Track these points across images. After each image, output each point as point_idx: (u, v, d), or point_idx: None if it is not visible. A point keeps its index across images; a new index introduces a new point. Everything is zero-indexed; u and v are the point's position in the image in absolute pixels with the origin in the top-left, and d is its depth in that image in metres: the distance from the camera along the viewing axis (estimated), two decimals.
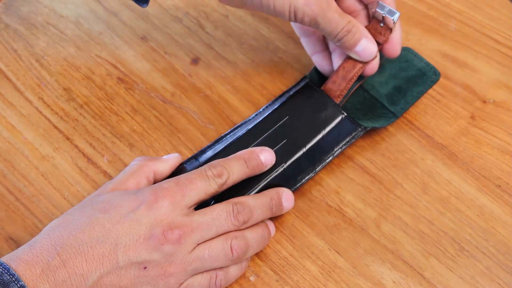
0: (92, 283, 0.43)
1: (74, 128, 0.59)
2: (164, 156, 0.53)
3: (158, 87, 0.62)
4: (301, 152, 0.54)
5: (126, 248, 0.44)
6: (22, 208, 0.54)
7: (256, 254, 0.52)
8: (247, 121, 0.58)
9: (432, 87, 0.59)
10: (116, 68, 0.63)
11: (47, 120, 0.59)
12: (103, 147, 0.58)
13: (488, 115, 0.60)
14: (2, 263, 0.42)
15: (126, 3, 0.67)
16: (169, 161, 0.53)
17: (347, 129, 0.55)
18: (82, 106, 0.60)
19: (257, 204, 0.49)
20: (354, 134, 0.55)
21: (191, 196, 0.47)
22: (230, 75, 0.63)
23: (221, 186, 0.49)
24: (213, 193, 0.48)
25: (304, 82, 0.59)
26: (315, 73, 0.60)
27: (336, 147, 0.55)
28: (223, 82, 0.62)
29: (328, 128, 0.55)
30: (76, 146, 0.58)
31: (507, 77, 0.62)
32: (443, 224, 0.54)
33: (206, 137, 0.59)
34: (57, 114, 0.60)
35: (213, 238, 0.47)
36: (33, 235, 0.47)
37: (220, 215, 0.47)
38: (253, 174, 0.51)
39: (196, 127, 0.59)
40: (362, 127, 0.56)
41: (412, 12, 0.67)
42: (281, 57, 0.64)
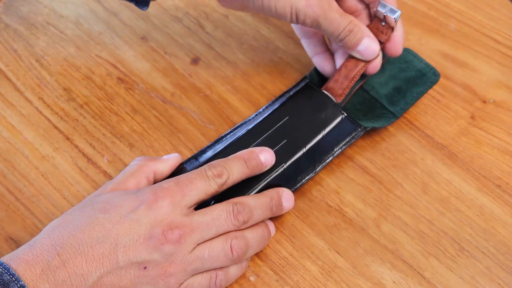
0: (92, 283, 0.43)
1: (74, 128, 0.59)
2: (164, 156, 0.53)
3: (158, 87, 0.62)
4: (301, 152, 0.54)
5: (126, 248, 0.44)
6: (22, 208, 0.54)
7: (256, 254, 0.52)
8: (247, 121, 0.58)
9: (431, 87, 0.59)
10: (116, 68, 0.63)
11: (47, 120, 0.59)
12: (103, 147, 0.58)
13: (488, 115, 0.60)
14: (2, 263, 0.42)
15: (126, 3, 0.67)
16: (169, 161, 0.53)
17: (347, 129, 0.55)
18: (82, 106, 0.60)
19: (257, 204, 0.49)
20: (354, 134, 0.55)
21: (191, 196, 0.47)
22: (230, 75, 0.63)
23: (221, 186, 0.49)
24: (213, 193, 0.48)
25: (304, 82, 0.59)
26: (315, 73, 0.60)
27: (336, 147, 0.55)
28: (223, 82, 0.62)
29: (328, 128, 0.55)
30: (76, 146, 0.58)
31: (507, 77, 0.62)
32: (443, 224, 0.54)
33: (206, 137, 0.59)
34: (57, 114, 0.60)
35: (213, 238, 0.47)
36: (33, 235, 0.47)
37: (220, 215, 0.47)
38: (253, 174, 0.51)
39: (196, 127, 0.59)
40: (362, 127, 0.56)
41: (412, 12, 0.67)
42: (281, 57, 0.64)
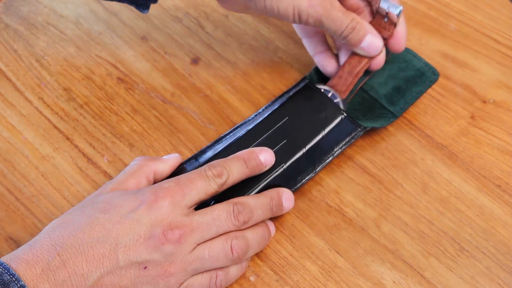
0: (92, 283, 0.43)
1: (74, 128, 0.59)
2: (164, 156, 0.53)
3: (158, 87, 0.62)
4: (301, 152, 0.54)
5: (126, 248, 0.44)
6: (22, 208, 0.54)
7: (256, 254, 0.52)
8: (246, 121, 0.58)
9: (431, 87, 0.60)
10: (116, 68, 0.63)
11: (47, 120, 0.59)
12: (103, 147, 0.58)
13: (488, 115, 0.60)
14: (2, 263, 0.42)
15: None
16: (169, 161, 0.53)
17: (346, 129, 0.55)
18: (82, 106, 0.60)
19: (257, 204, 0.49)
20: (354, 134, 0.55)
21: (191, 196, 0.47)
22: (230, 75, 0.63)
23: (221, 186, 0.49)
24: (213, 193, 0.48)
25: (303, 83, 0.59)
26: (314, 74, 0.60)
27: (336, 147, 0.55)
28: (223, 82, 0.62)
29: (328, 128, 0.55)
30: (76, 146, 0.58)
31: (507, 77, 0.62)
32: (443, 224, 0.54)
33: (206, 137, 0.59)
34: (57, 114, 0.60)
35: (213, 238, 0.47)
36: (33, 235, 0.47)
37: (220, 215, 0.47)
38: (252, 174, 0.51)
39: (196, 127, 0.59)
40: (362, 127, 0.56)
41: (412, 12, 0.67)
42: (281, 57, 0.64)
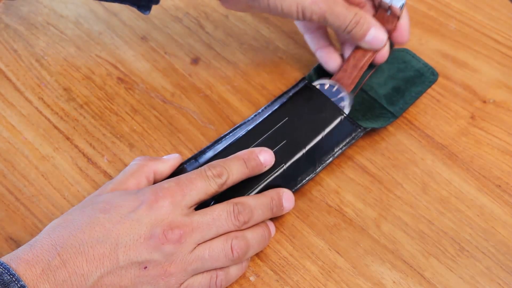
0: (92, 283, 0.43)
1: (74, 128, 0.59)
2: (164, 156, 0.53)
3: (158, 87, 0.62)
4: (301, 153, 0.54)
5: (126, 248, 0.44)
6: (22, 208, 0.54)
7: (256, 254, 0.51)
8: (246, 121, 0.58)
9: (430, 87, 0.60)
10: (116, 68, 0.63)
11: (47, 120, 0.59)
12: (103, 147, 0.58)
13: (488, 115, 0.60)
14: (2, 263, 0.42)
15: None
16: (169, 161, 0.53)
17: (346, 130, 0.55)
18: (82, 106, 0.60)
19: (257, 205, 0.49)
20: (354, 135, 0.55)
21: (191, 196, 0.47)
22: (230, 75, 0.63)
23: (221, 186, 0.49)
24: (213, 193, 0.48)
25: (302, 83, 0.59)
26: (314, 74, 0.60)
27: (337, 148, 0.55)
28: (223, 82, 0.62)
29: (328, 129, 0.55)
30: (76, 146, 0.58)
31: (507, 77, 0.62)
32: (443, 224, 0.54)
33: (206, 137, 0.59)
34: (57, 114, 0.60)
35: (213, 238, 0.47)
36: (33, 235, 0.47)
37: (221, 215, 0.47)
38: (252, 175, 0.51)
39: (196, 127, 0.59)
40: (362, 128, 0.56)
41: (412, 12, 0.67)
42: (281, 57, 0.64)
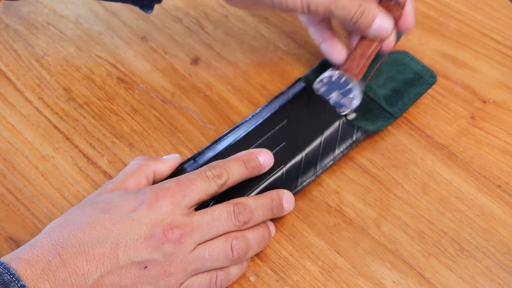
0: (92, 282, 0.43)
1: (74, 128, 0.59)
2: (164, 156, 0.53)
3: (158, 87, 0.62)
4: (300, 155, 0.54)
5: (126, 247, 0.44)
6: (22, 208, 0.54)
7: (256, 254, 0.51)
8: (243, 122, 0.57)
9: (429, 89, 0.60)
10: (116, 68, 0.63)
11: (47, 120, 0.59)
12: (103, 147, 0.58)
13: (488, 115, 0.60)
14: (2, 263, 0.42)
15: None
16: (169, 161, 0.53)
17: (347, 133, 0.56)
18: (82, 106, 0.60)
19: (257, 205, 0.49)
20: (356, 138, 0.56)
21: (191, 196, 0.47)
22: (230, 75, 0.63)
23: (220, 187, 0.49)
24: (213, 193, 0.48)
25: (298, 84, 0.59)
26: (310, 75, 0.60)
27: (337, 151, 0.55)
28: (223, 82, 0.62)
29: (327, 132, 0.55)
30: (76, 146, 0.58)
31: (507, 77, 0.62)
32: (443, 224, 0.54)
33: (206, 137, 0.59)
34: (57, 114, 0.60)
35: (213, 238, 0.47)
36: (33, 235, 0.47)
37: (221, 215, 0.47)
38: (252, 176, 0.51)
39: (196, 127, 0.59)
40: (363, 132, 0.56)
41: None
42: (281, 57, 0.64)
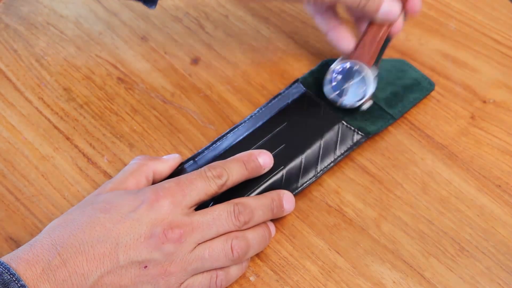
0: (92, 282, 0.43)
1: (74, 128, 0.59)
2: (164, 156, 0.53)
3: (158, 87, 0.62)
4: (300, 157, 0.54)
5: (126, 247, 0.44)
6: (22, 208, 0.54)
7: (256, 254, 0.51)
8: (242, 123, 0.57)
9: (426, 96, 0.60)
10: (116, 68, 0.63)
11: (47, 120, 0.59)
12: (103, 147, 0.58)
13: (488, 115, 0.60)
14: (2, 263, 0.42)
15: (126, 3, 0.67)
16: (169, 161, 0.53)
17: (347, 136, 0.56)
18: (82, 106, 0.60)
19: (258, 205, 0.49)
20: (356, 141, 0.56)
21: (191, 196, 0.47)
22: (230, 75, 0.63)
23: (220, 187, 0.49)
24: (213, 193, 0.48)
25: (296, 85, 0.59)
26: (308, 76, 0.60)
27: (338, 153, 0.55)
28: (223, 82, 0.62)
29: (327, 135, 0.56)
30: (76, 146, 0.58)
31: (507, 77, 0.62)
32: (443, 224, 0.54)
33: (206, 137, 0.59)
34: (57, 114, 0.60)
35: (213, 238, 0.47)
36: (33, 235, 0.47)
37: (221, 215, 0.47)
38: (252, 176, 0.51)
39: (196, 127, 0.59)
40: (363, 135, 0.56)
41: None
42: (281, 57, 0.64)
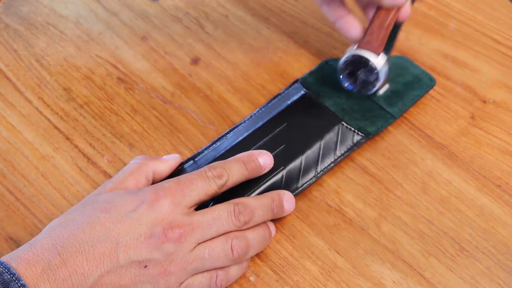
0: (92, 282, 0.43)
1: (74, 128, 0.59)
2: (164, 156, 0.53)
3: (158, 87, 0.62)
4: (300, 157, 0.54)
5: (126, 247, 0.44)
6: (22, 208, 0.54)
7: (256, 254, 0.51)
8: (242, 123, 0.57)
9: (428, 92, 0.60)
10: (116, 68, 0.63)
11: (47, 120, 0.59)
12: (103, 147, 0.58)
13: (488, 115, 0.60)
14: (3, 263, 0.42)
15: (126, 3, 0.67)
16: (168, 161, 0.53)
17: (347, 137, 0.56)
18: (82, 106, 0.60)
19: (258, 205, 0.49)
20: (356, 141, 0.56)
21: (191, 196, 0.47)
22: (230, 75, 0.63)
23: (220, 187, 0.49)
24: (213, 194, 0.48)
25: (295, 85, 0.59)
26: (308, 76, 0.60)
27: (338, 153, 0.55)
28: (223, 82, 0.62)
29: (327, 136, 0.56)
30: (76, 146, 0.58)
31: (507, 77, 0.62)
32: (443, 224, 0.54)
33: (206, 137, 0.59)
34: (57, 114, 0.60)
35: (214, 238, 0.47)
36: (33, 235, 0.47)
37: (221, 214, 0.47)
38: (252, 177, 0.51)
39: (196, 127, 0.59)
40: (363, 135, 0.56)
41: (412, 12, 0.67)
42: (281, 57, 0.64)
